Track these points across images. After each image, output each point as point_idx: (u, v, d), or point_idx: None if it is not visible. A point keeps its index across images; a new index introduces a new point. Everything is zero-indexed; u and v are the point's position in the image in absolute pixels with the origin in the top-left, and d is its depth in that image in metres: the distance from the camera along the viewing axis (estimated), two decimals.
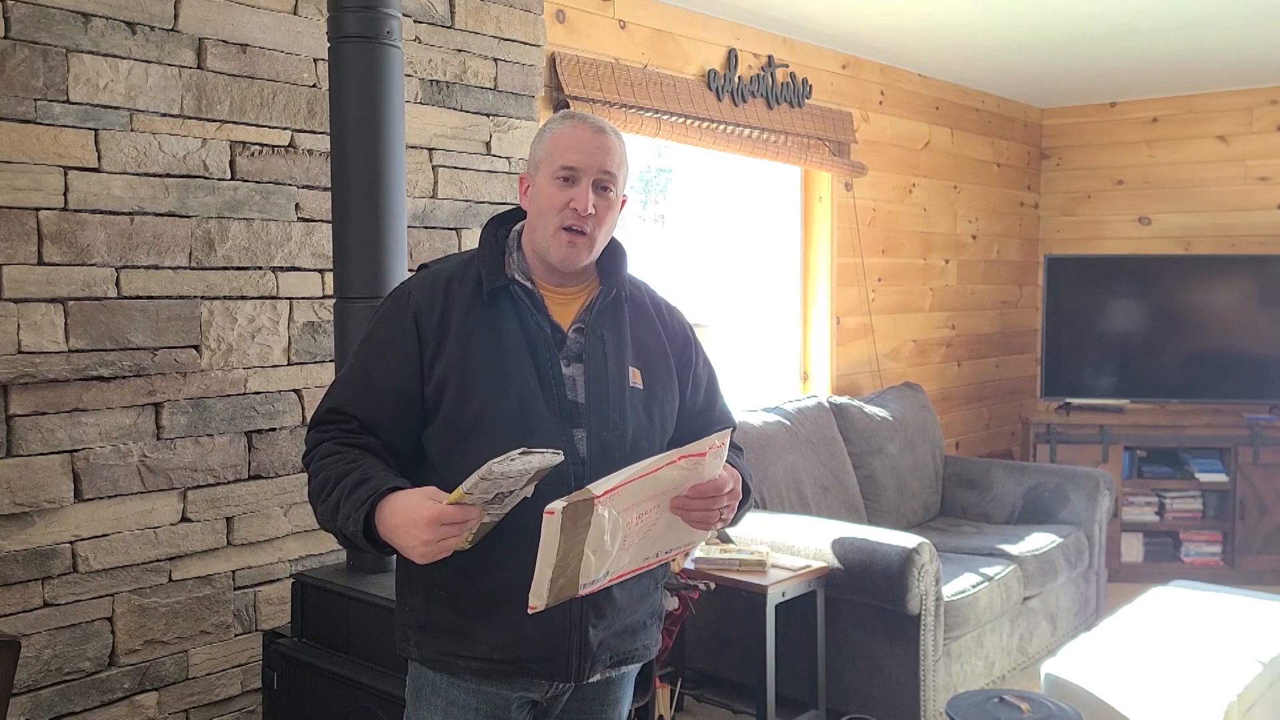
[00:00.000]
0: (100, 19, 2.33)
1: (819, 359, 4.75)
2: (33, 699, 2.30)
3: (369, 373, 1.64)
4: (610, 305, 1.71)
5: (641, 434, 1.68)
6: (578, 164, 1.62)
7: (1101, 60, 4.86)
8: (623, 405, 1.66)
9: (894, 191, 5.07)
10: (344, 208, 2.38)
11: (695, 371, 1.81)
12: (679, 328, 1.81)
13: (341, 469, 1.55)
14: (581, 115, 1.68)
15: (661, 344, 1.76)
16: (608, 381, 1.66)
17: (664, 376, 1.73)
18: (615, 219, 1.70)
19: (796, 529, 3.44)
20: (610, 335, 1.70)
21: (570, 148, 1.63)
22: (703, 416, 1.82)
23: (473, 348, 1.63)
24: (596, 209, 1.63)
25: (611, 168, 1.64)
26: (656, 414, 1.71)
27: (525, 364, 1.62)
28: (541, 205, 1.64)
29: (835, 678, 3.38)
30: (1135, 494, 5.18)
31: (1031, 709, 2.59)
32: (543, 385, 1.62)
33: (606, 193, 1.65)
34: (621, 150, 1.67)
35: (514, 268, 1.69)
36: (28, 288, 2.25)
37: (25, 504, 2.27)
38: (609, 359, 1.67)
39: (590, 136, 1.64)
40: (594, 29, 3.63)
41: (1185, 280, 5.40)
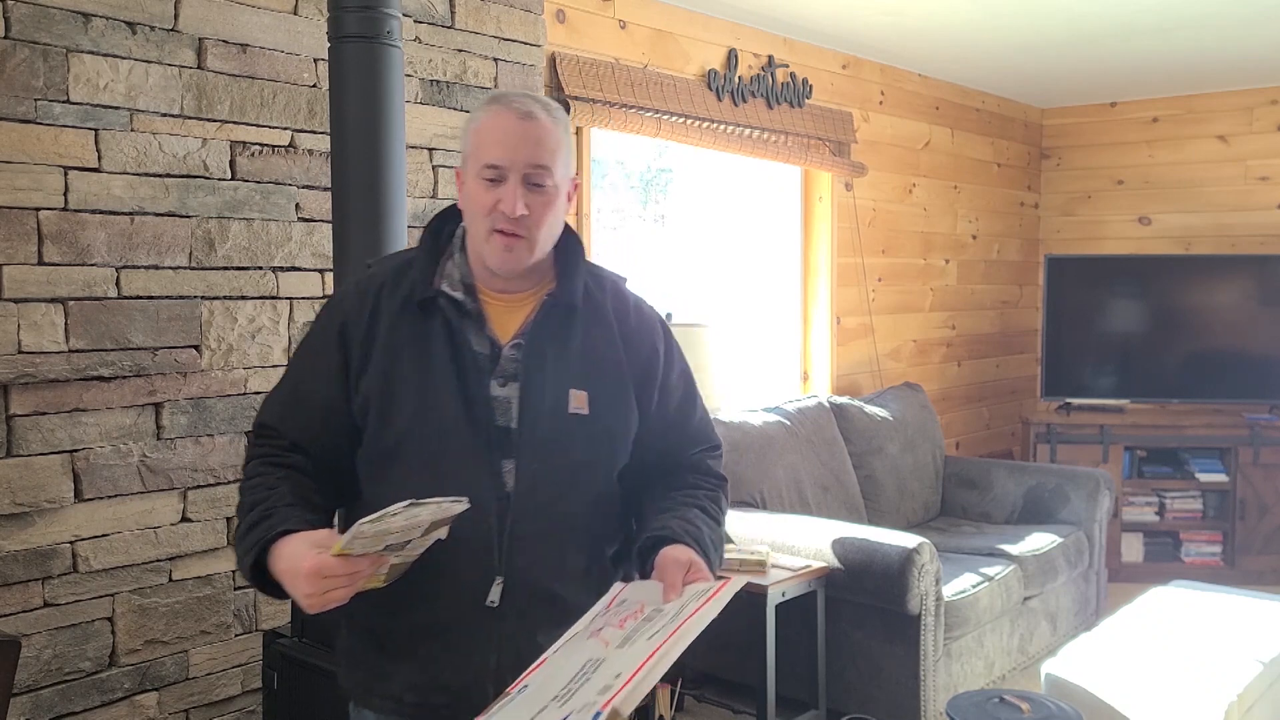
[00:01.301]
0: (100, 19, 2.33)
1: (819, 359, 4.75)
2: (33, 699, 2.30)
3: (298, 386, 1.52)
4: (556, 314, 1.50)
5: (580, 467, 1.49)
6: (501, 160, 1.42)
7: (1102, 60, 4.86)
8: (557, 434, 1.47)
9: (894, 191, 5.07)
10: (344, 208, 2.38)
11: (663, 384, 1.58)
12: (645, 334, 1.58)
13: (255, 497, 1.44)
14: (508, 98, 1.46)
15: (617, 357, 1.53)
16: (542, 407, 1.47)
17: (617, 398, 1.52)
18: (560, 212, 1.50)
19: (797, 529, 3.44)
20: (553, 350, 1.49)
21: (493, 141, 1.43)
22: (674, 433, 1.60)
23: (397, 366, 1.47)
24: (530, 208, 1.43)
25: (543, 159, 1.43)
26: (604, 443, 1.51)
27: (450, 386, 1.45)
28: (471, 207, 1.47)
29: (835, 678, 3.38)
30: (1135, 494, 5.18)
31: (1032, 709, 2.59)
32: (468, 411, 1.44)
33: (541, 188, 1.44)
34: (558, 132, 1.46)
35: (449, 274, 1.50)
36: (28, 288, 2.25)
37: (25, 504, 2.27)
38: (547, 380, 1.47)
39: (514, 125, 1.43)
40: (594, 29, 3.63)
41: (1185, 280, 5.40)
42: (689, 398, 1.64)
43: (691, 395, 1.65)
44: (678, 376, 1.62)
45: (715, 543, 1.52)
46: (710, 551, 1.48)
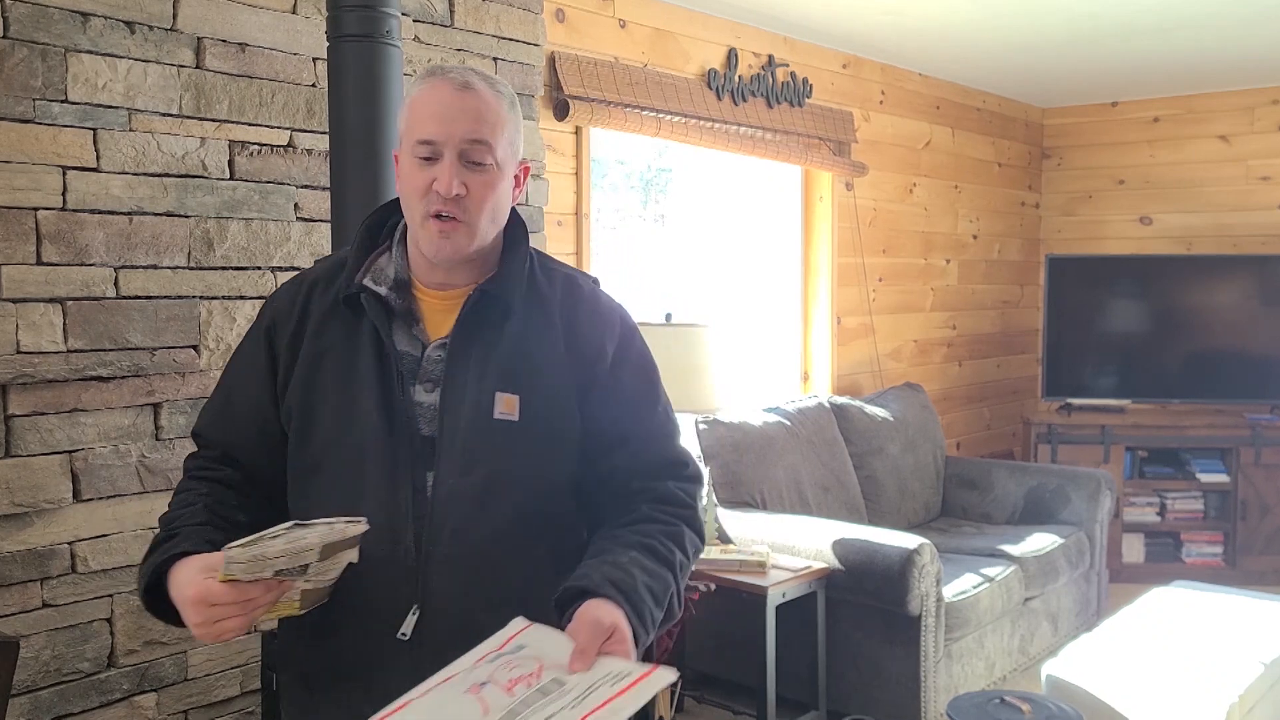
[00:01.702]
0: (99, 18, 2.33)
1: (819, 359, 4.74)
2: (32, 699, 2.29)
3: (229, 393, 1.44)
4: (484, 309, 1.35)
5: (507, 480, 1.33)
6: (435, 135, 1.30)
7: (1103, 60, 4.85)
8: (479, 442, 1.32)
9: (895, 191, 5.06)
10: (343, 208, 2.38)
11: (607, 388, 1.38)
12: (595, 332, 1.40)
13: (170, 515, 1.36)
14: (445, 69, 1.33)
15: (557, 357, 1.37)
16: (462, 412, 1.32)
17: (555, 402, 1.35)
18: (504, 195, 1.36)
19: (797, 529, 3.43)
20: (479, 350, 1.35)
21: (427, 116, 1.31)
22: (622, 450, 1.38)
23: (320, 372, 1.36)
24: (469, 187, 1.31)
25: (482, 133, 1.31)
26: (537, 452, 1.34)
27: (371, 392, 1.33)
28: (405, 189, 1.34)
29: (836, 679, 3.37)
30: (1136, 494, 5.17)
31: (1032, 710, 2.58)
32: (389, 419, 1.32)
33: (481, 166, 1.31)
34: (500, 106, 1.33)
35: (380, 269, 1.39)
36: (26, 288, 2.25)
37: (24, 504, 2.26)
38: (469, 382, 1.33)
39: (450, 97, 1.31)
40: (594, 28, 3.63)
41: (1186, 280, 5.40)
42: (643, 407, 1.42)
43: (647, 405, 1.43)
44: (630, 380, 1.41)
45: (656, 596, 1.28)
46: (645, 609, 1.25)
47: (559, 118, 3.49)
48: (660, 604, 1.29)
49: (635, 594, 1.24)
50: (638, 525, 1.35)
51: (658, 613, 1.28)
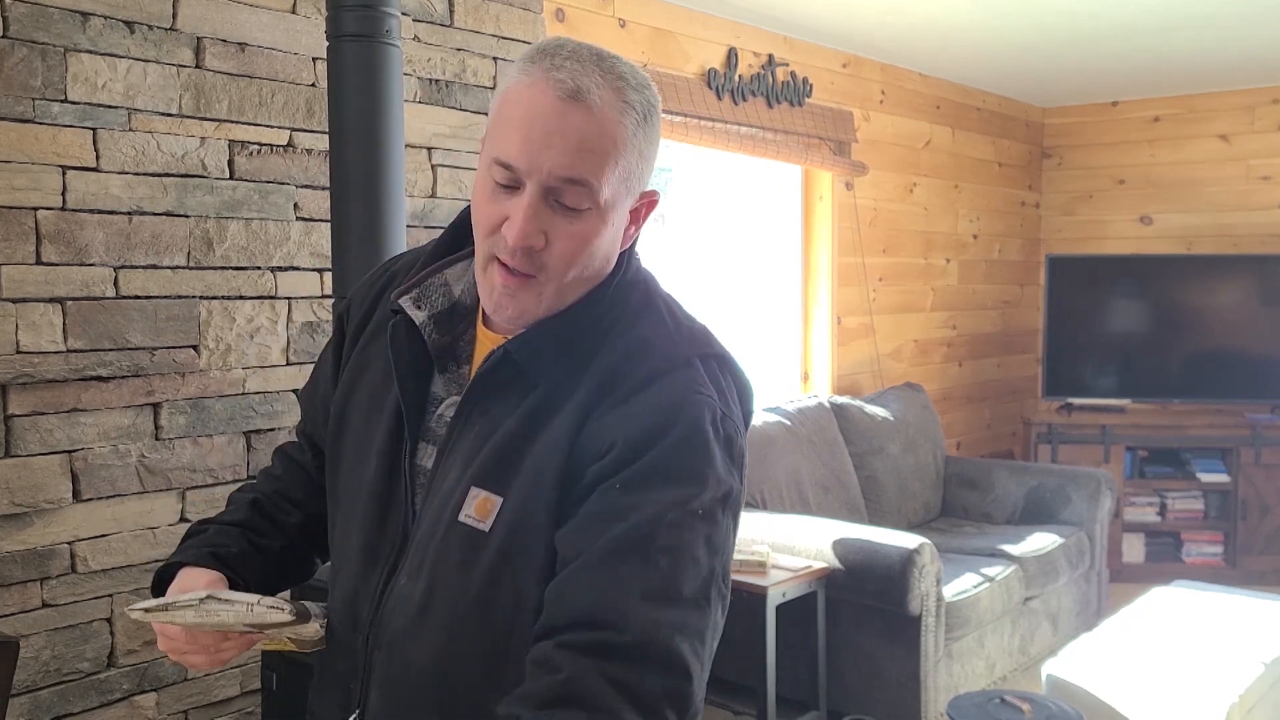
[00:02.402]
0: (99, 18, 2.33)
1: (820, 359, 4.74)
2: (32, 699, 2.29)
3: (316, 372, 1.29)
4: (502, 374, 1.04)
5: (449, 596, 1.02)
6: (517, 161, 0.97)
7: (1103, 59, 4.85)
8: (430, 543, 1.04)
9: (895, 191, 5.06)
10: (343, 207, 2.38)
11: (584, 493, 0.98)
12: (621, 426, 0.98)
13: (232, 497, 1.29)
14: (556, 57, 0.98)
15: (558, 453, 0.99)
16: (435, 500, 1.05)
17: (535, 513, 1.00)
18: (606, 244, 1.02)
19: (797, 529, 3.43)
20: (481, 426, 1.04)
21: (514, 128, 0.97)
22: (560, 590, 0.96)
23: (359, 385, 1.15)
24: (550, 237, 0.98)
25: (581, 171, 0.96)
26: (501, 575, 1.00)
27: (383, 441, 1.10)
28: (474, 212, 1.04)
29: (836, 678, 3.37)
30: (1137, 494, 5.17)
31: (1033, 710, 2.58)
32: (389, 482, 1.09)
33: (575, 213, 0.98)
34: (621, 125, 0.98)
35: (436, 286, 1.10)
36: (26, 287, 2.25)
37: (24, 504, 2.26)
38: (455, 465, 1.04)
39: (550, 108, 0.95)
40: (594, 28, 3.63)
41: (1187, 280, 5.40)
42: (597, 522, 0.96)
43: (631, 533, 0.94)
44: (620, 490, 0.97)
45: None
46: None
47: None
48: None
49: None
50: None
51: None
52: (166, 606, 1.06)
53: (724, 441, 1.02)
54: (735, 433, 1.04)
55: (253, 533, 1.23)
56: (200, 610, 1.06)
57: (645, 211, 1.07)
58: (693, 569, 0.96)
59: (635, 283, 1.09)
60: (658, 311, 1.09)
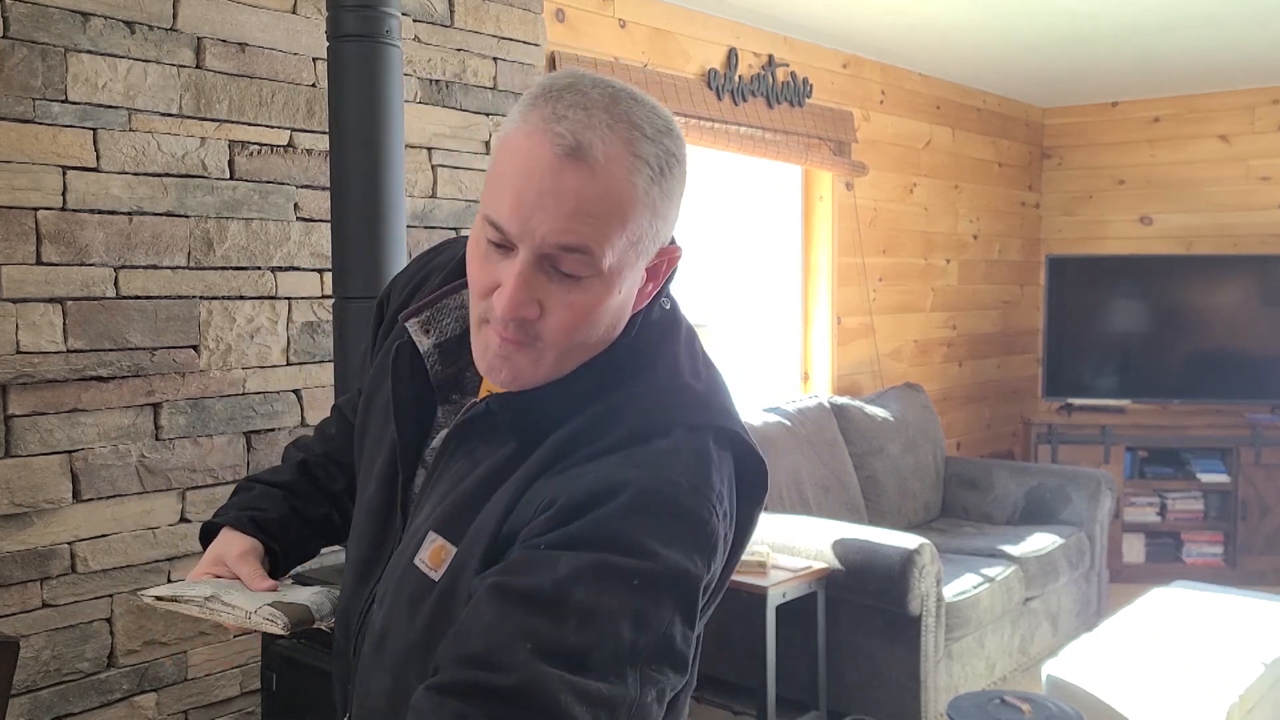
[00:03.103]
0: (99, 18, 2.33)
1: (820, 359, 4.74)
2: (32, 699, 2.29)
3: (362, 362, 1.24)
4: (485, 424, 0.97)
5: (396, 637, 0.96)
6: (508, 225, 0.87)
7: (1103, 60, 4.85)
8: (390, 580, 0.99)
9: (895, 191, 5.06)
10: (343, 207, 2.38)
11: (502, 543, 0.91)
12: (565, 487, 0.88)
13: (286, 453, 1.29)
14: (559, 109, 0.87)
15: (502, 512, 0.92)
16: (406, 532, 1.01)
17: (471, 571, 0.92)
18: (613, 310, 0.92)
19: (797, 529, 3.43)
20: (456, 468, 0.98)
21: (509, 181, 0.87)
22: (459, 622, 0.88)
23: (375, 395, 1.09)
24: (546, 307, 0.89)
25: (580, 238, 0.86)
26: (440, 624, 0.92)
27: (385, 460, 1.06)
28: (469, 268, 0.94)
29: (836, 679, 3.37)
30: (1137, 494, 5.17)
31: (1033, 710, 2.58)
32: (388, 501, 1.05)
33: (574, 281, 0.88)
34: (631, 184, 0.87)
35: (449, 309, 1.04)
36: (26, 288, 2.25)
37: (24, 504, 2.26)
38: (426, 503, 0.99)
39: (546, 165, 0.85)
40: (594, 28, 3.63)
41: (1187, 280, 5.40)
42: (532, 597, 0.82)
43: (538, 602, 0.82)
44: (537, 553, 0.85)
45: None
46: None
47: None
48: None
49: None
50: None
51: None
52: (176, 597, 1.10)
53: (690, 520, 0.88)
54: (709, 514, 0.90)
55: (296, 498, 1.21)
56: (204, 608, 1.10)
57: (666, 268, 0.96)
58: (608, 640, 0.82)
59: (645, 340, 0.97)
60: (663, 368, 0.98)
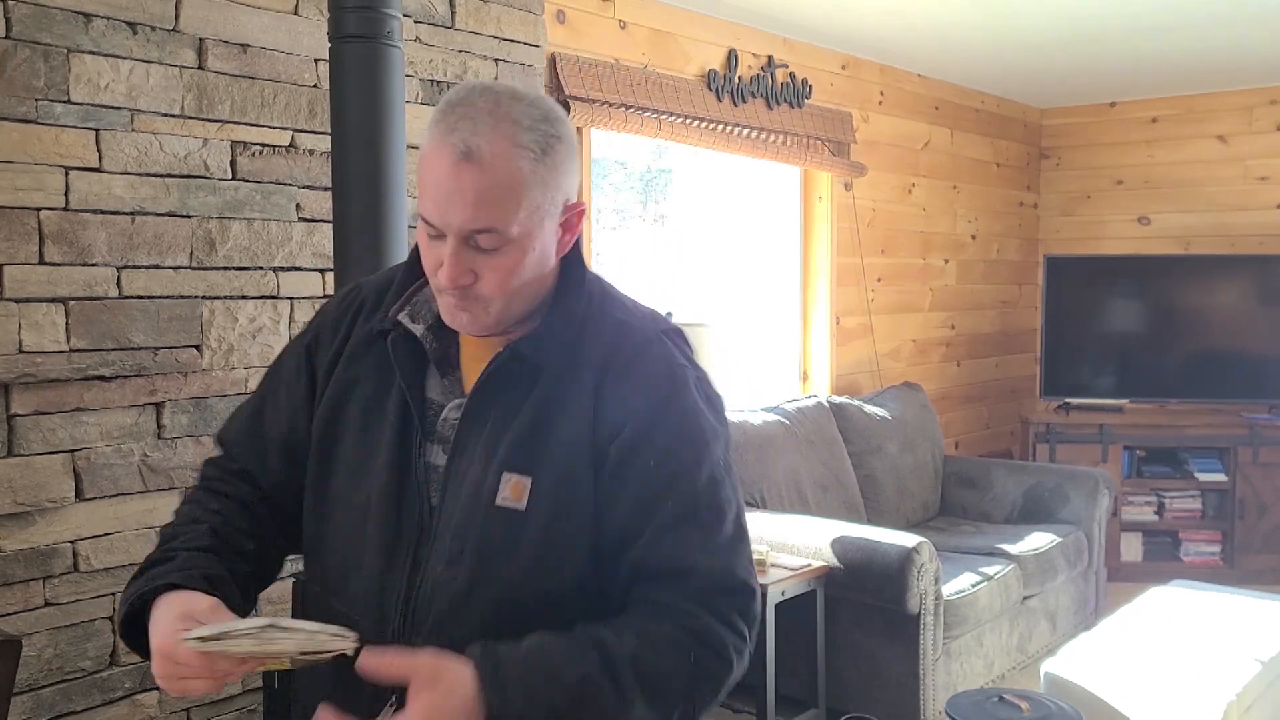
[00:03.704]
0: (101, 19, 2.33)
1: (819, 359, 4.75)
2: (34, 698, 2.30)
3: (260, 413, 1.30)
4: (509, 372, 1.15)
5: (494, 577, 1.11)
6: (433, 219, 1.11)
7: (1101, 60, 4.86)
8: (467, 531, 1.12)
9: (893, 191, 5.07)
10: (345, 208, 2.39)
11: (617, 471, 1.13)
12: (625, 398, 1.14)
13: (172, 530, 1.22)
14: (452, 120, 1.09)
15: (580, 433, 1.13)
16: (462, 490, 1.14)
17: (571, 494, 1.12)
18: (535, 262, 1.14)
19: (796, 528, 3.44)
20: (496, 421, 1.15)
21: (428, 186, 1.11)
22: (625, 549, 1.12)
23: (346, 406, 1.21)
24: (478, 273, 1.11)
25: (483, 221, 1.08)
26: (542, 552, 1.11)
27: (390, 447, 1.17)
28: (420, 251, 1.18)
29: (835, 677, 3.38)
30: (1135, 493, 5.18)
31: (1031, 708, 2.59)
32: (401, 481, 1.16)
33: (490, 253, 1.10)
34: (513, 169, 1.09)
35: (419, 301, 1.22)
36: (29, 287, 2.25)
37: (26, 503, 2.27)
38: (478, 456, 1.14)
39: (448, 170, 1.08)
40: (594, 29, 3.64)
41: (1185, 280, 5.41)
42: (654, 497, 1.12)
43: (659, 495, 1.12)
44: (649, 464, 1.13)
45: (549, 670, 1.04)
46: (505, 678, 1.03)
47: None
48: (556, 683, 1.04)
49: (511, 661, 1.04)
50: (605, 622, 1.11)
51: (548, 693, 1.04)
52: (221, 636, 1.03)
53: (708, 400, 1.21)
54: (712, 390, 1.23)
55: (222, 559, 1.21)
56: (260, 638, 1.03)
57: (575, 220, 1.19)
58: (730, 513, 1.17)
59: (592, 279, 1.24)
60: (617, 299, 1.25)
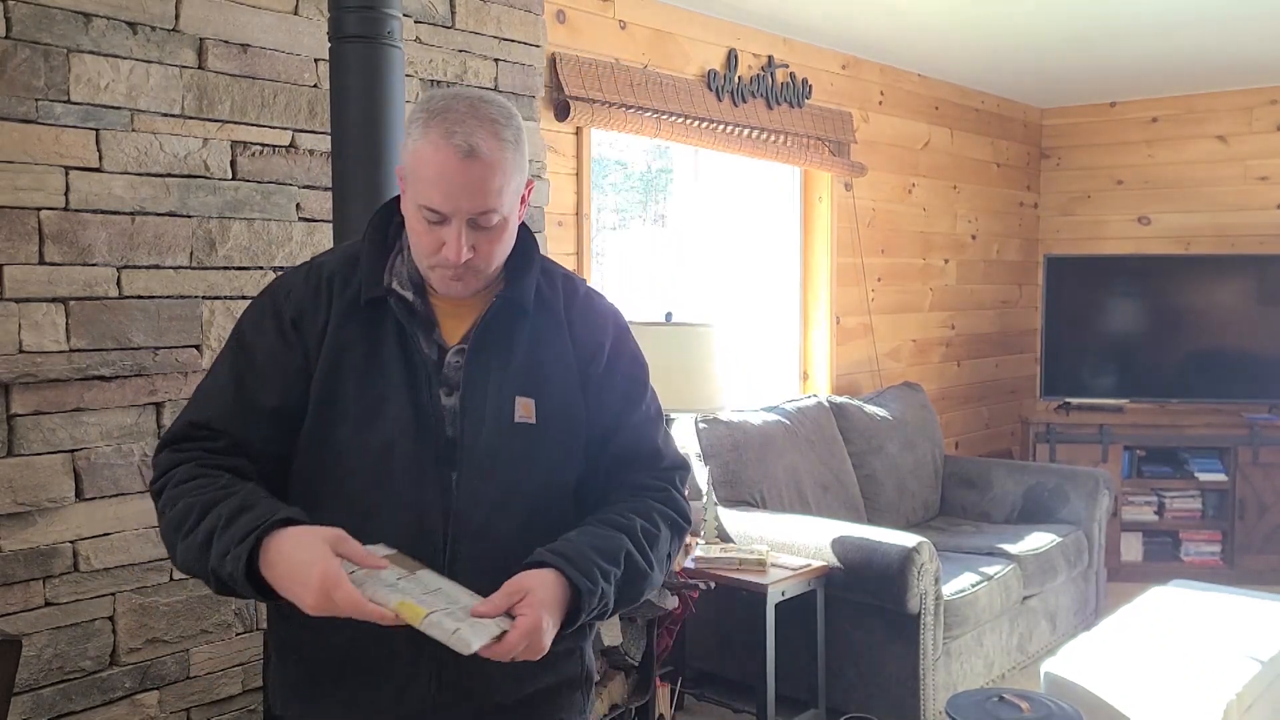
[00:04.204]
0: (101, 19, 2.33)
1: (819, 359, 4.75)
2: (34, 698, 2.30)
3: (243, 386, 1.38)
4: (503, 317, 1.41)
5: (522, 480, 1.39)
6: (441, 207, 1.30)
7: (1101, 60, 4.86)
8: (498, 446, 1.37)
9: (894, 191, 5.07)
10: (345, 208, 2.39)
11: (600, 383, 1.45)
12: (593, 331, 1.47)
13: (211, 495, 1.30)
14: (449, 125, 1.29)
15: (567, 360, 1.44)
16: (484, 416, 1.37)
17: (566, 405, 1.42)
18: (512, 234, 1.39)
19: (796, 528, 3.44)
20: (498, 358, 1.40)
21: (431, 183, 1.30)
22: (609, 443, 1.45)
23: (342, 368, 1.37)
24: (477, 247, 1.33)
25: (488, 203, 1.31)
26: (553, 455, 1.41)
27: (399, 393, 1.36)
28: (412, 238, 1.37)
29: (835, 677, 3.38)
30: (1135, 493, 5.18)
31: (1031, 708, 2.59)
32: (418, 420, 1.36)
33: (488, 230, 1.34)
34: (504, 159, 1.32)
35: (398, 271, 1.41)
36: (29, 287, 2.25)
37: (26, 503, 2.27)
38: (489, 388, 1.38)
39: (456, 166, 1.29)
40: (594, 29, 3.64)
41: (1185, 280, 5.41)
42: (628, 401, 1.48)
43: (632, 399, 1.49)
44: (621, 378, 1.48)
45: (606, 553, 1.34)
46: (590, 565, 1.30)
47: (559, 118, 3.50)
48: (613, 560, 1.33)
49: (578, 554, 1.31)
50: (603, 509, 1.43)
51: (611, 568, 1.33)
52: (428, 621, 1.19)
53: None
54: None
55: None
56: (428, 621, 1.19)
57: (528, 193, 1.41)
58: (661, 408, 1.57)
59: (532, 233, 1.49)
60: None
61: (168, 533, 1.34)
